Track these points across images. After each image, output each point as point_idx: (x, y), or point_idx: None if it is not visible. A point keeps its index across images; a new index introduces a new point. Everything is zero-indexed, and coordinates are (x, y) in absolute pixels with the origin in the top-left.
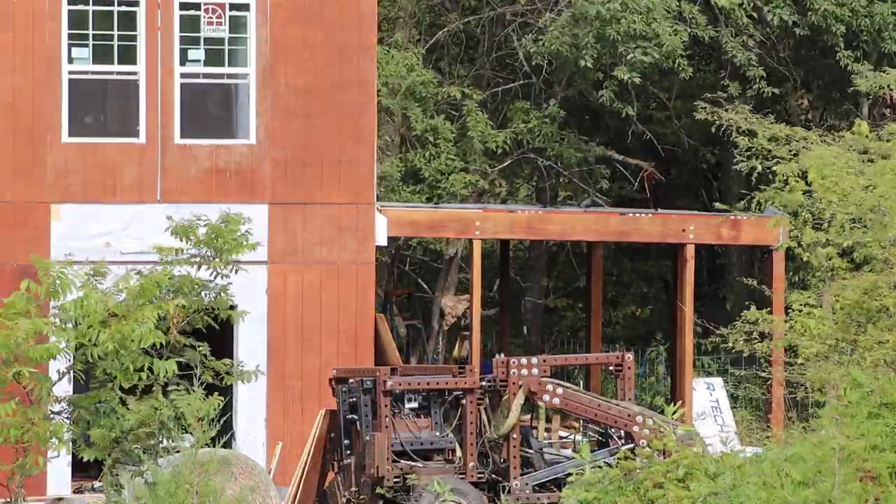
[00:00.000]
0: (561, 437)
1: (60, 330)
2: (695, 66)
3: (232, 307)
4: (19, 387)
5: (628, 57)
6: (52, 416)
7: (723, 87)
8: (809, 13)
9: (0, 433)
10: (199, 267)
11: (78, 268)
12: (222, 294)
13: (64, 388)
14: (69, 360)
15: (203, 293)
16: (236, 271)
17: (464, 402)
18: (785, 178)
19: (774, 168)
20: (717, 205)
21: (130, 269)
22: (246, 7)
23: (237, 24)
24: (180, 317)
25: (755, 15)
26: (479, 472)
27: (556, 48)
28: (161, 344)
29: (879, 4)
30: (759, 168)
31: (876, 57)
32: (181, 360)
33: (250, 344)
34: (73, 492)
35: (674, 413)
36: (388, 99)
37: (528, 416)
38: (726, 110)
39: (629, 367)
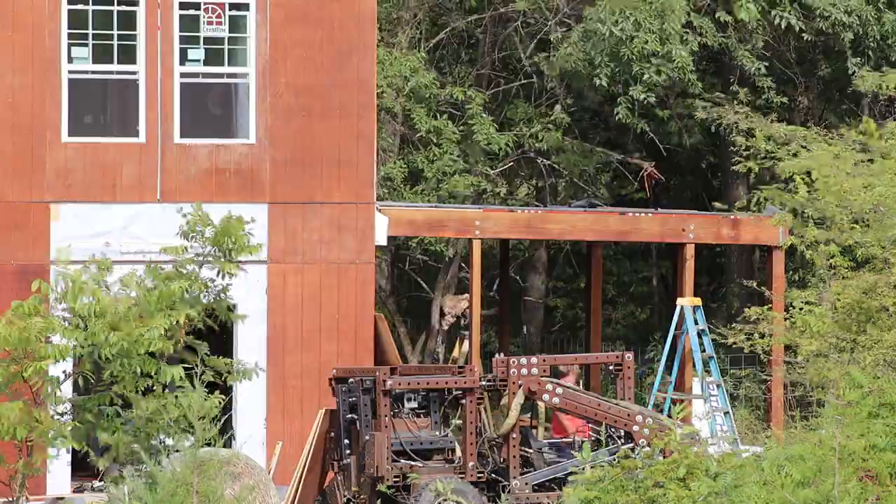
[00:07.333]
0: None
1: (69, 330)
2: (701, 75)
3: (231, 308)
4: (25, 386)
5: (644, 77)
6: (56, 416)
7: (733, 93)
8: (818, 20)
9: (7, 431)
10: (202, 266)
11: (81, 268)
12: (222, 295)
13: (66, 391)
14: (76, 362)
15: (203, 294)
16: (234, 274)
17: (464, 401)
18: (790, 175)
19: (774, 168)
20: (717, 204)
21: (130, 268)
22: (246, 7)
23: (237, 24)
24: (188, 325)
25: (763, 19)
26: (479, 472)
27: (570, 65)
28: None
29: (888, 13)
30: (756, 169)
31: (882, 64)
32: (186, 365)
33: (250, 343)
34: (73, 491)
35: (678, 413)
36: (391, 100)
37: (528, 416)
38: (723, 105)
39: (629, 367)
